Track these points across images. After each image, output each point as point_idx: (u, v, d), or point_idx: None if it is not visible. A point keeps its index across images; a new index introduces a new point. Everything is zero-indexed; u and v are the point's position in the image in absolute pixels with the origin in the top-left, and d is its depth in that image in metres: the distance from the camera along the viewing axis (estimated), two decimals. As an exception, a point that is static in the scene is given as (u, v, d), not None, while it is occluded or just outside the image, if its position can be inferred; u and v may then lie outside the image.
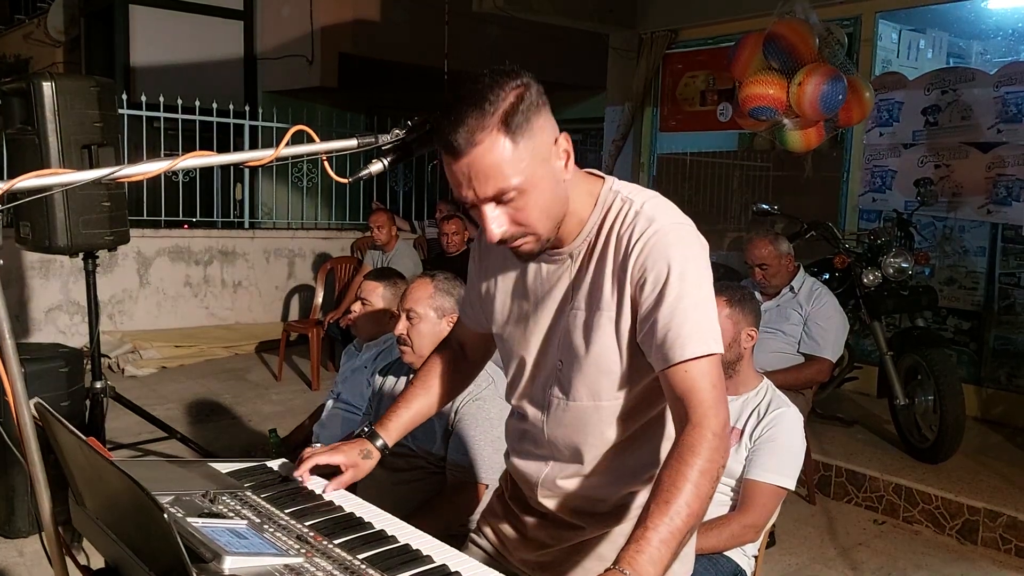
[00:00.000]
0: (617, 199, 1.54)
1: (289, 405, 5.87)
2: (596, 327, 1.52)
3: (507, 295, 1.67)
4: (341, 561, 1.35)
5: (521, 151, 1.38)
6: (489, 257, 1.72)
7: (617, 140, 7.53)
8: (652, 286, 1.45)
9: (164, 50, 9.86)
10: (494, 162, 1.37)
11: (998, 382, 5.52)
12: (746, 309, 2.69)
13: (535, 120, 1.39)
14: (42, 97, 3.62)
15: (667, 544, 1.27)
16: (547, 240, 1.49)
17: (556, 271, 1.59)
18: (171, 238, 7.51)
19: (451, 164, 1.39)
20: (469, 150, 1.36)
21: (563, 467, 1.64)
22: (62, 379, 3.74)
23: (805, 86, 4.42)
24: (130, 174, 1.18)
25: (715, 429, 1.39)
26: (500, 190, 1.39)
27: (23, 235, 3.91)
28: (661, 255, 1.45)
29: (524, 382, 1.67)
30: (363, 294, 3.08)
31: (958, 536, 4.06)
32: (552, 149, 1.44)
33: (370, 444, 1.78)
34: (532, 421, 1.67)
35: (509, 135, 1.36)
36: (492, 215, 1.42)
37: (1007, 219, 5.24)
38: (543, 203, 1.43)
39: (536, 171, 1.40)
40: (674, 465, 1.36)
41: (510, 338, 1.68)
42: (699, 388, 1.42)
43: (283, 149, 1.34)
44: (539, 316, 1.61)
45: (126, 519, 1.25)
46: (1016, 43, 6.15)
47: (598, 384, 1.55)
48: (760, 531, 2.52)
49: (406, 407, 1.86)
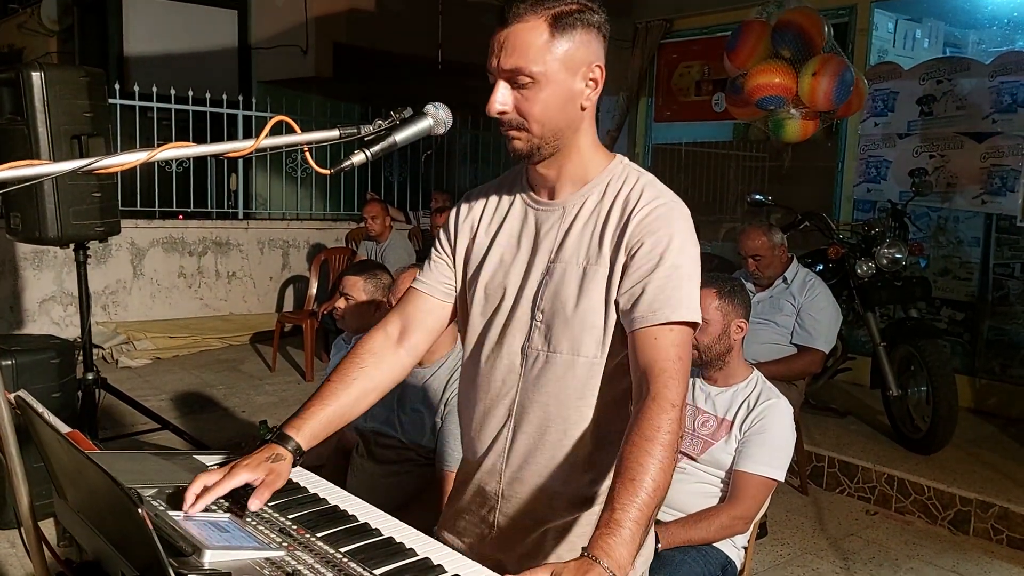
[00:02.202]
0: (627, 170, 1.61)
1: (283, 396, 5.87)
2: (589, 282, 1.54)
3: (487, 241, 1.67)
4: (323, 554, 1.34)
5: (555, 48, 1.46)
6: (472, 209, 1.72)
7: (612, 130, 7.51)
8: (650, 249, 1.49)
9: (158, 40, 9.80)
10: (526, 42, 1.45)
11: (992, 373, 5.53)
12: (736, 301, 2.68)
13: (582, 34, 1.49)
14: (31, 88, 3.61)
15: (637, 523, 1.26)
16: (538, 147, 1.52)
17: (546, 220, 1.61)
18: (165, 229, 7.48)
19: (496, 33, 1.48)
20: (513, 22, 1.46)
21: (525, 445, 1.61)
22: (53, 370, 3.74)
23: (820, 77, 4.40)
24: (107, 165, 1.17)
25: (674, 401, 1.40)
26: (518, 68, 1.46)
27: (13, 226, 3.89)
28: (666, 224, 1.51)
29: (494, 337, 1.64)
30: (345, 289, 3.07)
31: (950, 527, 4.06)
32: (583, 69, 1.50)
33: (279, 448, 1.55)
34: (502, 381, 1.63)
35: (552, 28, 1.45)
36: (501, 91, 1.49)
37: (1002, 209, 5.23)
38: (550, 105, 1.48)
39: (558, 74, 1.47)
40: (636, 441, 1.36)
41: (487, 287, 1.65)
42: (664, 358, 1.44)
43: (263, 140, 1.33)
44: (520, 264, 1.62)
45: (105, 513, 1.24)
46: (1012, 32, 6.12)
47: (580, 339, 1.55)
48: (750, 522, 2.52)
49: (322, 405, 1.63)
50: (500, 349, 1.63)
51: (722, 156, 7.67)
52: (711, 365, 2.68)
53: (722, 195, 7.67)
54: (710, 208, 7.64)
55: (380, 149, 1.50)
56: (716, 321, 2.64)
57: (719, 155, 7.68)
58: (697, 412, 2.66)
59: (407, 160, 9.82)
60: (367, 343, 1.72)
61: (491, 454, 1.67)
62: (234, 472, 1.46)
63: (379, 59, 9.84)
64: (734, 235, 6.60)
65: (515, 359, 1.62)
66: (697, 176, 7.68)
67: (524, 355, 1.61)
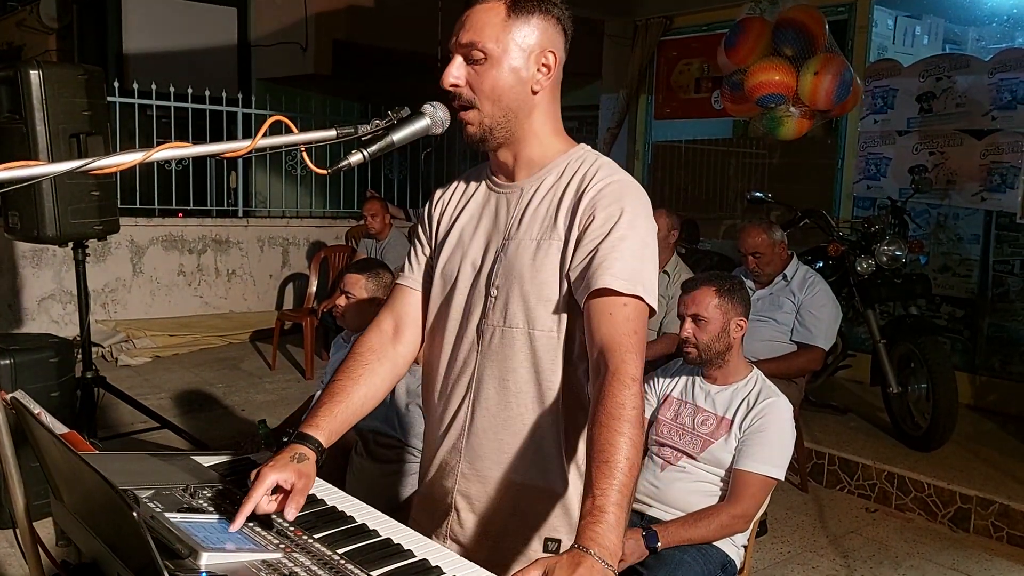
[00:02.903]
0: (587, 154, 1.65)
1: (283, 394, 5.86)
2: (544, 254, 1.57)
3: (450, 225, 1.71)
4: (320, 556, 1.33)
5: (510, 28, 1.53)
6: (440, 202, 1.76)
7: (612, 128, 7.51)
8: (602, 222, 1.52)
9: (157, 37, 9.79)
10: (483, 20, 1.54)
11: (992, 370, 5.53)
12: (735, 299, 2.67)
13: (539, 20, 1.55)
14: (29, 86, 3.60)
15: (619, 506, 1.28)
16: (490, 129, 1.57)
17: (503, 201, 1.65)
18: (164, 227, 7.48)
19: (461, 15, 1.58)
20: (476, 3, 1.56)
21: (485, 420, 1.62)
22: (52, 369, 3.73)
23: (823, 76, 4.39)
24: (103, 166, 1.17)
25: (633, 375, 1.42)
26: (471, 42, 1.53)
27: (11, 225, 3.89)
28: (617, 199, 1.54)
29: (454, 316, 1.66)
30: (346, 287, 3.07)
31: (950, 524, 4.06)
32: (536, 53, 1.56)
33: (302, 447, 1.53)
34: (462, 360, 1.64)
35: (509, 10, 1.54)
36: (456, 65, 1.56)
37: (1001, 206, 5.22)
38: (499, 84, 1.54)
39: (510, 53, 1.54)
40: (603, 421, 1.37)
41: (444, 269, 1.68)
42: (620, 332, 1.45)
43: (260, 140, 1.32)
44: (476, 244, 1.66)
45: (100, 516, 1.24)
46: (1011, 29, 6.12)
47: (536, 312, 1.57)
48: (749, 521, 2.52)
49: (336, 401, 1.64)
50: (458, 328, 1.66)
51: (722, 153, 7.66)
52: (711, 363, 2.67)
53: (722, 192, 7.66)
54: (710, 205, 7.64)
55: (377, 149, 1.50)
56: (716, 319, 2.63)
57: (719, 152, 7.68)
58: (697, 410, 2.66)
59: (407, 158, 9.81)
60: (366, 342, 1.74)
61: (452, 431, 1.67)
62: (262, 477, 1.44)
63: (379, 56, 9.83)
64: (734, 232, 6.61)
65: (472, 336, 1.63)
66: (697, 173, 7.68)
67: (479, 332, 1.62)
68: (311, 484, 1.50)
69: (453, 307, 1.67)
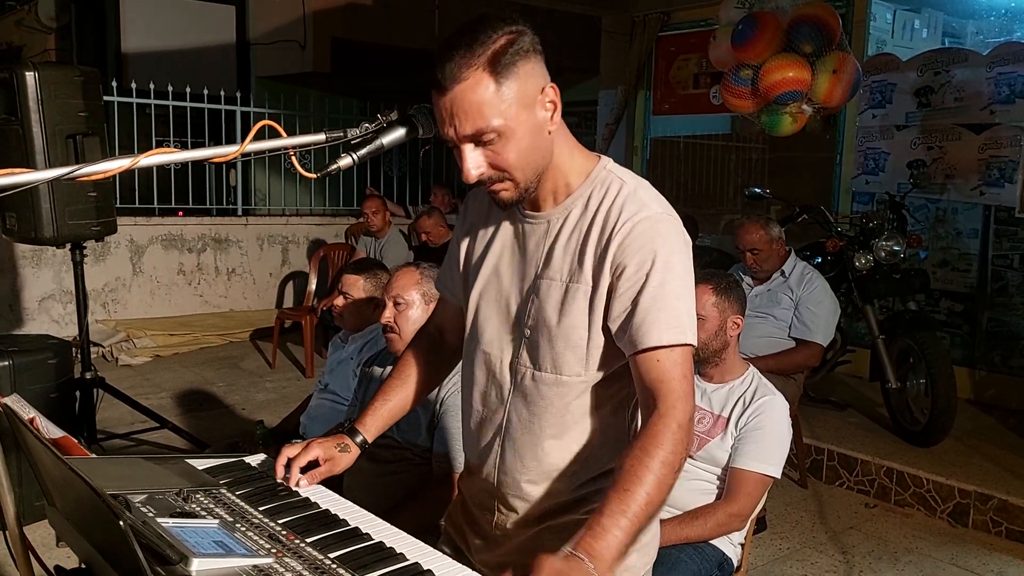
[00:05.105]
0: (610, 177, 1.54)
1: (283, 393, 5.87)
2: (571, 299, 1.52)
3: (482, 250, 1.66)
4: (312, 560, 1.34)
5: (505, 93, 1.39)
6: (470, 213, 1.72)
7: (611, 124, 7.50)
8: (636, 269, 1.45)
9: (156, 36, 9.78)
10: (476, 101, 1.38)
11: (991, 364, 5.52)
12: (731, 297, 2.67)
13: (523, 65, 1.40)
14: (25, 87, 3.60)
15: (624, 531, 1.27)
16: (526, 190, 1.49)
17: (532, 234, 1.58)
18: (164, 226, 7.48)
19: (437, 100, 1.41)
20: (453, 86, 1.38)
21: (519, 453, 1.60)
22: (51, 371, 3.74)
23: (840, 75, 4.38)
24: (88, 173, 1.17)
25: (681, 421, 1.39)
26: (479, 129, 1.40)
27: (9, 226, 3.89)
28: (648, 241, 1.46)
29: (487, 349, 1.63)
30: (344, 288, 3.07)
31: (949, 519, 4.06)
32: (539, 98, 1.44)
33: (348, 439, 1.76)
34: (495, 396, 1.63)
35: (494, 76, 1.38)
36: (470, 155, 1.43)
37: (1000, 201, 5.21)
38: (522, 149, 1.44)
39: (519, 116, 1.41)
40: (637, 454, 1.36)
41: (481, 298, 1.65)
42: (669, 378, 1.42)
43: (248, 145, 1.32)
44: (509, 278, 1.61)
45: (91, 522, 1.24)
46: (1010, 23, 6.10)
47: (563, 358, 1.53)
48: (746, 519, 2.51)
49: (384, 401, 1.82)
50: (492, 362, 1.63)
51: (720, 149, 7.65)
52: (707, 362, 2.67)
53: (721, 188, 7.65)
54: (709, 201, 7.63)
55: (367, 152, 1.50)
56: (712, 317, 2.63)
57: (717, 148, 7.67)
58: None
59: (406, 155, 9.81)
60: (419, 342, 1.90)
61: (485, 466, 1.67)
62: (310, 447, 1.70)
63: (377, 53, 9.82)
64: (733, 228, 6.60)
65: (505, 375, 1.61)
66: (696, 169, 7.67)
67: (513, 372, 1.60)
68: (336, 471, 1.73)
69: (488, 339, 1.63)
